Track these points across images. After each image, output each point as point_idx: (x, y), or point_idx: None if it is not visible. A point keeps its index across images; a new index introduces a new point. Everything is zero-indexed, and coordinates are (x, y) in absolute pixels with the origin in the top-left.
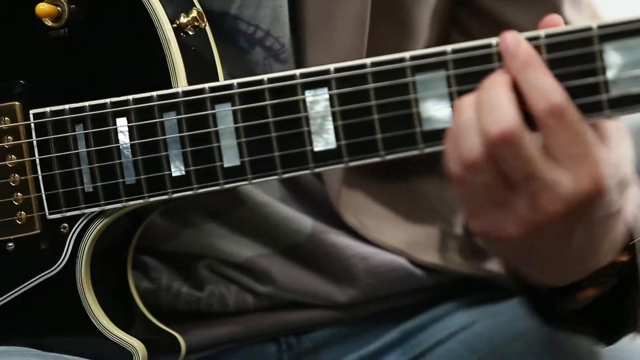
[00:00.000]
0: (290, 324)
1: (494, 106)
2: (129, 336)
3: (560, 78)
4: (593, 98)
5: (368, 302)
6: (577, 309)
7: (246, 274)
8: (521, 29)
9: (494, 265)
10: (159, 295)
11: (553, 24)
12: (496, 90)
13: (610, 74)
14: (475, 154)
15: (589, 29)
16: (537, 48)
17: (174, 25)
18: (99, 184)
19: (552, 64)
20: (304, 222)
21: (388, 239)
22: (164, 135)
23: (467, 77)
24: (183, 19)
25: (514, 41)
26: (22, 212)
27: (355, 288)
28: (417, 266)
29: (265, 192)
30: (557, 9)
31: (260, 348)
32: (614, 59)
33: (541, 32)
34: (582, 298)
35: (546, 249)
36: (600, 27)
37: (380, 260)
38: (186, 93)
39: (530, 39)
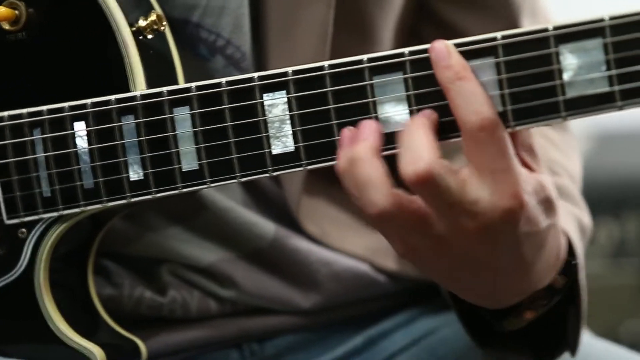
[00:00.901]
0: (253, 329)
1: (409, 146)
2: (88, 342)
3: (516, 80)
4: (550, 100)
5: (331, 308)
6: (514, 330)
7: (209, 278)
8: None
9: None
10: (121, 301)
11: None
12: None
13: (566, 76)
14: (382, 208)
15: (545, 30)
16: (494, 49)
17: (132, 29)
18: (57, 188)
19: (509, 66)
20: (266, 227)
21: (350, 245)
22: (122, 139)
23: (425, 79)
24: (142, 22)
25: (446, 51)
26: None
27: (318, 294)
28: (380, 272)
29: (227, 197)
30: (516, 21)
31: (223, 354)
32: (570, 60)
33: (497, 34)
34: (519, 320)
35: (471, 269)
36: (556, 28)
37: (343, 266)
38: (144, 96)
39: (486, 40)
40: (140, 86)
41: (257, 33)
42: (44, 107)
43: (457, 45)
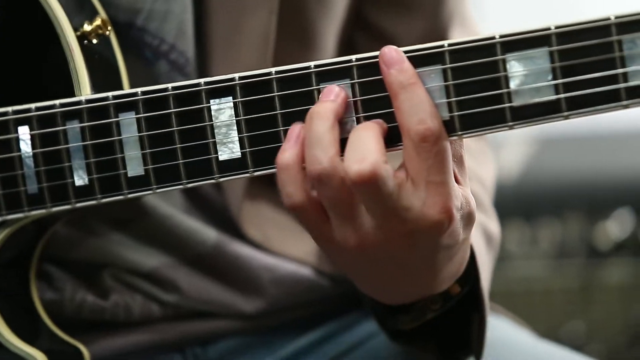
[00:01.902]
0: (196, 333)
1: (357, 146)
2: (31, 348)
3: (463, 87)
4: (496, 107)
5: (274, 312)
6: (416, 326)
7: (152, 283)
8: None
9: None
10: (63, 306)
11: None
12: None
13: (513, 84)
14: (321, 168)
15: (492, 38)
16: (441, 55)
17: (77, 33)
18: (0, 192)
19: (456, 73)
20: (207, 233)
21: (292, 250)
22: (67, 144)
23: (370, 85)
24: (87, 27)
25: (398, 56)
26: None
27: (261, 298)
28: (323, 276)
29: (168, 204)
30: (446, 30)
31: (166, 358)
32: (516, 69)
33: (444, 42)
34: (411, 319)
35: (384, 266)
36: (502, 36)
37: (285, 270)
38: (89, 101)
39: (434, 47)
40: (85, 91)
41: (201, 39)
42: None
43: (405, 52)
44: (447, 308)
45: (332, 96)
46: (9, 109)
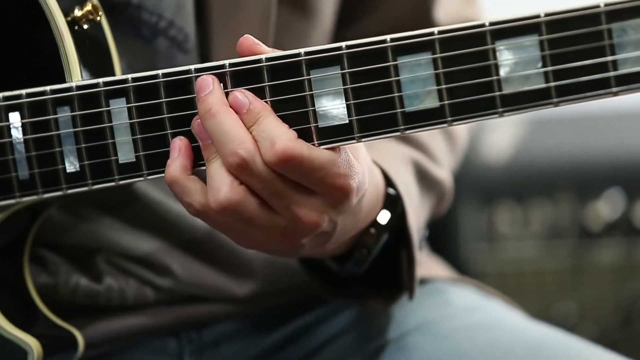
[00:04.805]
0: (191, 317)
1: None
2: (24, 333)
3: (453, 75)
4: (486, 95)
5: (267, 295)
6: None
7: (145, 267)
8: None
9: None
10: (57, 290)
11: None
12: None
13: (502, 72)
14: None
15: (482, 26)
16: (431, 44)
17: (67, 19)
18: None
19: (446, 61)
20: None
21: None
22: (58, 130)
23: (362, 74)
24: (77, 12)
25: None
26: None
27: (253, 282)
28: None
29: (158, 190)
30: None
31: (161, 342)
32: (506, 56)
33: (434, 29)
34: (360, 258)
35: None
36: (492, 24)
37: None
38: (80, 87)
39: (423, 35)
40: (76, 77)
41: (200, 14)
42: None
43: (393, 40)
44: (384, 239)
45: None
46: (0, 95)
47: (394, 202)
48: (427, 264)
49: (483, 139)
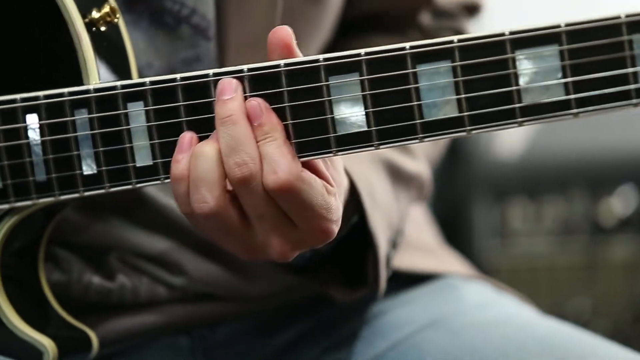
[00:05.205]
0: (203, 316)
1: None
2: (40, 334)
3: (473, 84)
4: (506, 106)
5: (278, 294)
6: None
7: (158, 265)
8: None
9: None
10: (70, 287)
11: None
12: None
13: (522, 82)
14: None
15: (501, 35)
16: (450, 51)
17: (85, 20)
18: (9, 181)
19: (465, 70)
20: None
21: None
22: (76, 132)
23: (380, 81)
24: (95, 14)
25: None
26: None
27: (264, 282)
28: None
29: (167, 195)
30: None
31: (173, 340)
32: (526, 66)
33: (454, 37)
34: None
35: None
36: (512, 33)
37: None
38: (98, 90)
39: (443, 43)
40: (93, 79)
41: (218, 1)
42: None
43: (413, 47)
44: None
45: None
46: (18, 96)
47: (357, 206)
48: (442, 258)
49: (496, 135)
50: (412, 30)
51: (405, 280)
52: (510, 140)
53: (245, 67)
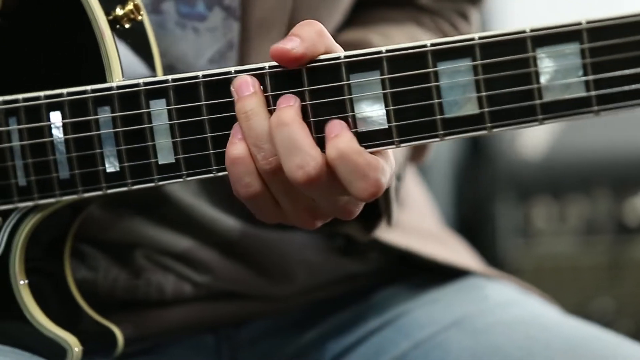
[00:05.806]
0: (229, 314)
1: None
2: (64, 331)
3: (494, 81)
4: (527, 103)
5: (305, 293)
6: None
7: (184, 263)
8: None
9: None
10: (97, 284)
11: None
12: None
13: (543, 80)
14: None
15: (522, 32)
16: (471, 49)
17: (109, 18)
18: (32, 178)
19: (486, 68)
20: (230, 222)
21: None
22: (99, 130)
23: (401, 79)
24: (119, 11)
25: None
26: None
27: (291, 281)
28: (350, 254)
29: (190, 194)
30: None
31: (199, 339)
32: (547, 64)
33: (475, 35)
34: None
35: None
36: (533, 30)
37: (313, 249)
38: (120, 87)
39: (463, 40)
40: (116, 76)
41: None
42: (20, 96)
43: (434, 45)
44: None
45: (250, 90)
46: (41, 93)
47: None
48: (457, 249)
49: (519, 134)
50: (409, 7)
51: (427, 278)
52: (534, 140)
53: (266, 64)
